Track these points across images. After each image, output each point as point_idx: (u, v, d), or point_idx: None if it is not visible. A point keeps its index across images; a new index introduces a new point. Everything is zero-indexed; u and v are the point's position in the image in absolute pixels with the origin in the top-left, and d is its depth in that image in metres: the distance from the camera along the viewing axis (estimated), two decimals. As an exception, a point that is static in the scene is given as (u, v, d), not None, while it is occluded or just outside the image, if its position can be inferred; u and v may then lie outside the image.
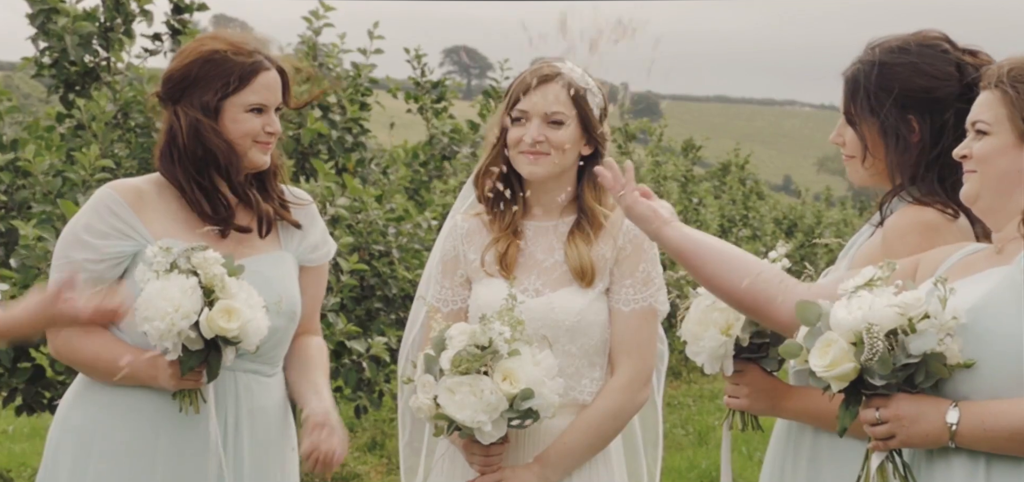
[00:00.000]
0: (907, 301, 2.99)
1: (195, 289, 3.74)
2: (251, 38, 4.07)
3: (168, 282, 3.74)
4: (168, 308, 3.72)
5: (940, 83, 3.56)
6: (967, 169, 3.23)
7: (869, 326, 2.98)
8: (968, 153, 3.22)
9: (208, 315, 3.73)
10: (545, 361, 3.75)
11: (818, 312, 3.10)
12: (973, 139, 3.22)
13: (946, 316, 2.99)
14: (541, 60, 4.12)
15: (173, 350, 3.77)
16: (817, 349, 3.06)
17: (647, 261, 4.03)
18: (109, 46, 7.30)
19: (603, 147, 4.10)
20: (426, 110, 10.30)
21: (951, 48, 3.62)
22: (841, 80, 3.71)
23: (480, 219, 4.15)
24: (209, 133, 3.96)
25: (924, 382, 3.01)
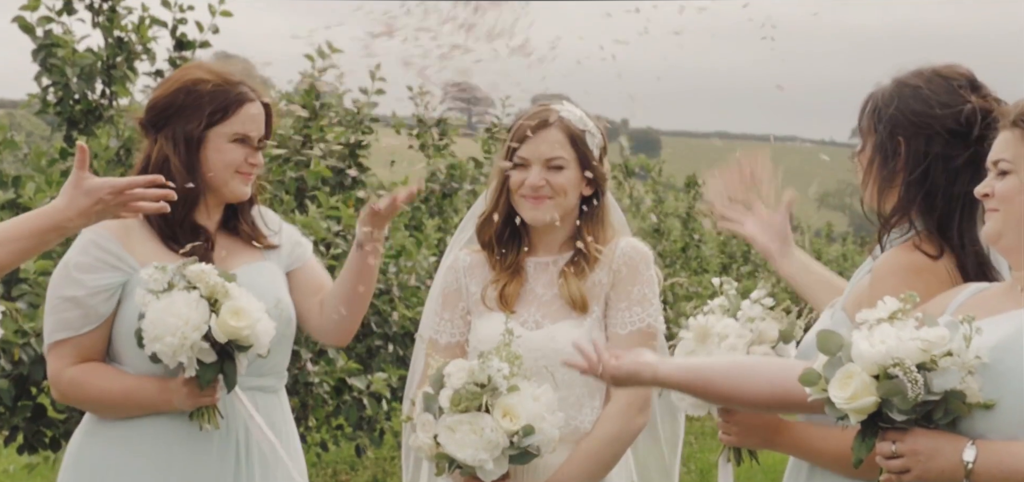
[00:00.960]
0: (932, 338, 2.98)
1: (199, 300, 3.77)
2: (236, 69, 4.10)
3: (171, 299, 3.77)
4: (177, 323, 3.74)
5: (934, 111, 3.57)
6: (989, 208, 3.24)
7: (899, 361, 2.97)
8: (990, 192, 3.23)
9: (218, 320, 3.75)
10: (544, 396, 3.75)
11: (839, 342, 3.09)
12: (994, 178, 3.23)
13: (969, 355, 2.99)
14: (540, 98, 4.15)
15: (189, 365, 3.79)
16: (838, 380, 3.05)
17: (642, 283, 4.05)
18: (111, 83, 7.32)
19: (603, 186, 4.12)
20: (428, 147, 10.33)
21: (969, 89, 3.62)
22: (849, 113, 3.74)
23: (483, 254, 4.17)
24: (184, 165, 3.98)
25: (942, 419, 3.00)
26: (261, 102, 4.08)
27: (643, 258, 4.07)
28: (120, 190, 3.64)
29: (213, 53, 7.71)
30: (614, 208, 4.22)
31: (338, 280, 4.18)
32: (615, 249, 4.07)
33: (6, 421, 6.74)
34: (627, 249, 4.06)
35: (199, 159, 4.00)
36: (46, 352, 4.02)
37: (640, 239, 4.26)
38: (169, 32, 7.51)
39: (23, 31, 7.18)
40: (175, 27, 7.52)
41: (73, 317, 3.93)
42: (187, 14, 7.50)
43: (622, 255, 4.05)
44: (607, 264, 4.06)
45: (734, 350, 3.69)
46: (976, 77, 3.66)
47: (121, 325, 3.96)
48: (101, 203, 3.63)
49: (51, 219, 3.65)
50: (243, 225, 4.13)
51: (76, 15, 7.27)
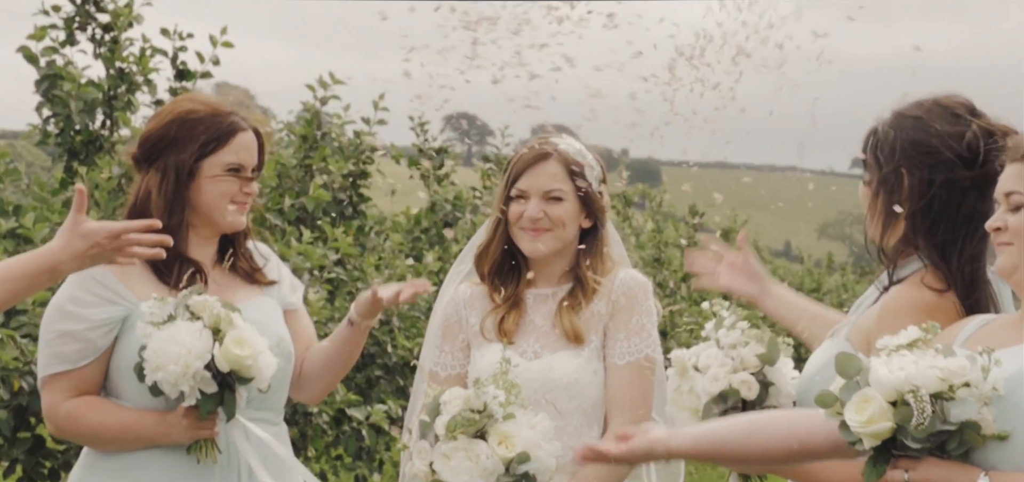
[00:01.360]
0: (951, 367, 2.98)
1: (202, 330, 3.77)
2: (228, 99, 4.10)
3: (175, 328, 3.76)
4: (180, 352, 3.73)
5: (937, 143, 3.57)
6: (1002, 241, 3.23)
7: (915, 389, 2.97)
8: (1003, 226, 3.22)
9: (221, 348, 3.75)
10: (541, 424, 3.75)
11: (858, 366, 3.09)
12: (1007, 211, 3.22)
13: (986, 386, 2.99)
14: (540, 129, 4.16)
15: (190, 394, 3.78)
16: (854, 404, 3.04)
17: (641, 313, 4.06)
18: (113, 114, 7.33)
19: (603, 219, 4.13)
20: (428, 176, 10.34)
21: (968, 115, 3.62)
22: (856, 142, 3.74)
23: (483, 287, 4.17)
24: (171, 196, 3.99)
25: (956, 449, 3.00)
26: (254, 131, 4.08)
27: (642, 289, 4.07)
28: (116, 235, 3.63)
29: (214, 83, 7.72)
30: (614, 239, 4.22)
31: (323, 348, 4.20)
32: (614, 280, 4.08)
33: (5, 453, 6.72)
34: (626, 280, 4.07)
35: (191, 190, 4.00)
36: (41, 386, 4.00)
37: (640, 269, 4.26)
38: (170, 62, 7.53)
39: (27, 61, 7.19)
40: (175, 56, 7.54)
41: (70, 351, 3.92)
42: (187, 42, 7.51)
43: (621, 286, 4.06)
44: (606, 295, 4.06)
45: (716, 381, 3.67)
46: (975, 105, 3.66)
47: (119, 359, 3.95)
48: (97, 247, 3.63)
49: (45, 261, 3.64)
50: (240, 260, 4.13)
51: (78, 46, 7.29)
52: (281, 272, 4.24)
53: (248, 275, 4.14)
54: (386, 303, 4.04)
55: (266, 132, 4.15)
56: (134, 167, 4.09)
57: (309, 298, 7.19)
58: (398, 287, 4.06)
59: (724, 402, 3.67)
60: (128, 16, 7.35)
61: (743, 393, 3.67)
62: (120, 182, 7.09)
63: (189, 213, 4.01)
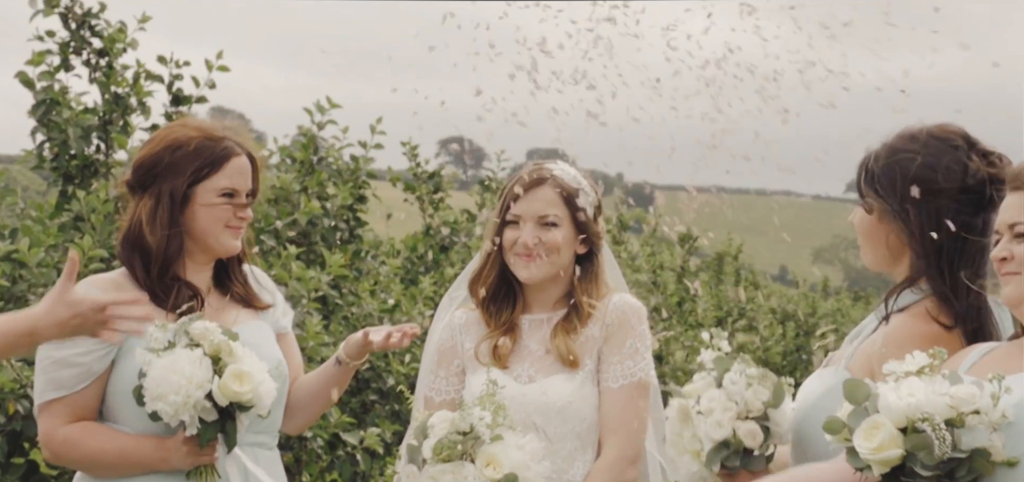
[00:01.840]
0: (961, 394, 2.98)
1: (203, 359, 3.77)
2: (220, 124, 4.11)
3: (175, 357, 3.76)
4: (181, 381, 3.73)
5: (939, 175, 3.57)
6: (1008, 271, 3.22)
7: (929, 417, 2.96)
8: (1008, 255, 3.22)
9: (220, 383, 3.75)
10: (529, 445, 3.74)
11: (867, 392, 3.09)
12: (1011, 241, 3.22)
13: (996, 413, 2.98)
14: (535, 154, 4.17)
15: (190, 423, 3.77)
16: (863, 430, 3.04)
17: (635, 336, 4.06)
18: (108, 140, 7.34)
19: (598, 245, 4.14)
20: (423, 200, 10.34)
21: (965, 145, 3.62)
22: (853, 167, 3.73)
23: (478, 312, 4.18)
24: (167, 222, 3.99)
25: (965, 477, 3.00)
26: (247, 156, 4.09)
27: (635, 312, 4.08)
28: (102, 307, 3.62)
29: (209, 108, 7.73)
30: (610, 264, 4.23)
31: (309, 382, 4.21)
32: (608, 304, 4.08)
33: (-1, 478, 6.71)
34: (619, 304, 4.08)
35: (186, 216, 4.00)
36: (37, 412, 3.99)
37: (635, 294, 4.27)
38: (166, 88, 7.53)
39: (24, 86, 7.20)
40: (171, 83, 7.55)
41: (66, 376, 3.92)
42: (183, 70, 7.52)
43: (614, 310, 4.07)
44: (600, 319, 4.07)
45: (721, 426, 3.66)
46: (968, 133, 3.66)
47: (116, 384, 3.94)
48: (79, 317, 3.61)
49: (25, 324, 3.61)
50: (235, 285, 4.14)
51: (73, 71, 7.29)
52: (276, 297, 4.25)
53: (243, 300, 4.15)
54: (376, 347, 4.06)
55: (260, 157, 4.16)
56: (128, 193, 4.09)
57: (306, 323, 7.18)
58: (389, 331, 4.07)
59: (726, 448, 3.66)
60: (123, 41, 7.36)
61: (747, 442, 3.65)
62: (116, 206, 7.09)
63: (185, 238, 4.02)
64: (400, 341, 4.09)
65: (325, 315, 7.77)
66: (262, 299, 4.19)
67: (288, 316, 4.29)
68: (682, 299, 16.49)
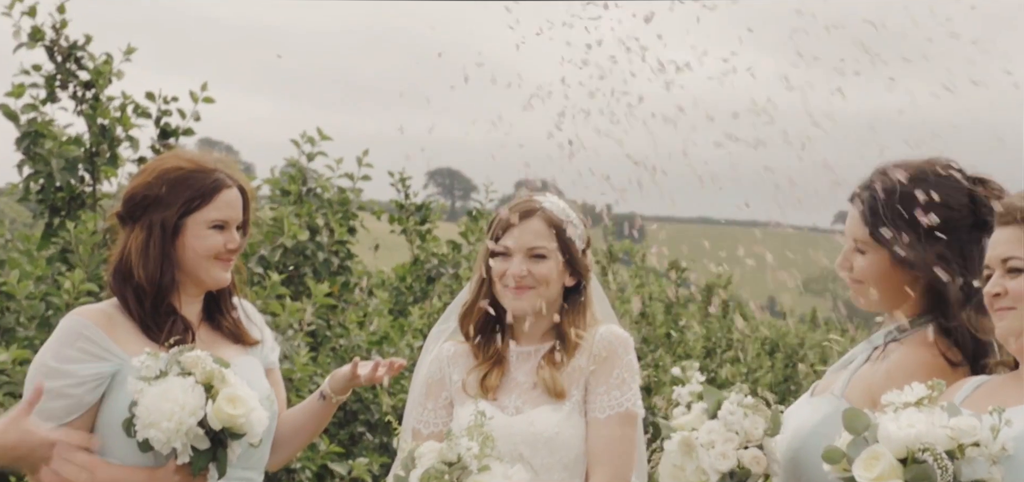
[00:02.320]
0: (961, 426, 2.98)
1: (195, 386, 3.76)
2: (212, 156, 4.11)
3: (167, 384, 3.75)
4: (174, 408, 3.72)
5: (955, 213, 3.56)
6: (1002, 306, 3.22)
7: (931, 447, 2.96)
8: (1001, 291, 3.21)
9: (214, 406, 3.74)
10: (517, 476, 3.73)
11: (866, 422, 3.08)
12: (1004, 277, 3.21)
13: (996, 446, 2.98)
14: (524, 185, 4.17)
15: (182, 451, 3.76)
16: (863, 460, 3.04)
17: (622, 366, 4.06)
18: (95, 171, 7.33)
19: (586, 277, 4.14)
20: (410, 232, 10.34)
21: (962, 177, 3.63)
22: (852, 203, 3.70)
23: (466, 345, 4.18)
24: (160, 254, 3.99)
25: None
26: (239, 188, 4.09)
27: (622, 343, 4.08)
28: (52, 444, 3.62)
29: (197, 140, 7.73)
30: (598, 295, 4.23)
31: (292, 417, 4.21)
32: (595, 335, 4.08)
33: (-15, 511, 6.68)
34: (607, 335, 4.08)
35: (176, 247, 4.00)
36: None
37: (624, 325, 4.27)
38: (153, 122, 7.53)
39: (7, 118, 7.20)
40: (159, 117, 7.55)
41: (57, 407, 3.90)
42: (171, 106, 7.53)
43: (601, 340, 4.07)
44: (587, 350, 4.07)
45: (725, 458, 3.65)
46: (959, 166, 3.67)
47: (106, 415, 3.92)
48: (26, 447, 3.63)
49: None
50: (225, 318, 4.13)
51: (59, 104, 7.29)
52: (264, 332, 4.25)
53: (233, 334, 4.14)
54: (363, 380, 4.06)
55: (250, 189, 4.16)
56: (118, 224, 4.09)
57: (295, 355, 7.17)
58: (376, 363, 4.10)
59: (732, 479, 3.65)
60: (109, 73, 7.37)
61: (753, 469, 3.64)
62: (104, 237, 7.08)
63: (176, 270, 4.02)
64: (381, 378, 4.09)
65: (313, 347, 7.75)
66: (251, 334, 4.18)
67: (276, 351, 4.29)
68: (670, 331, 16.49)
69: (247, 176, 4.26)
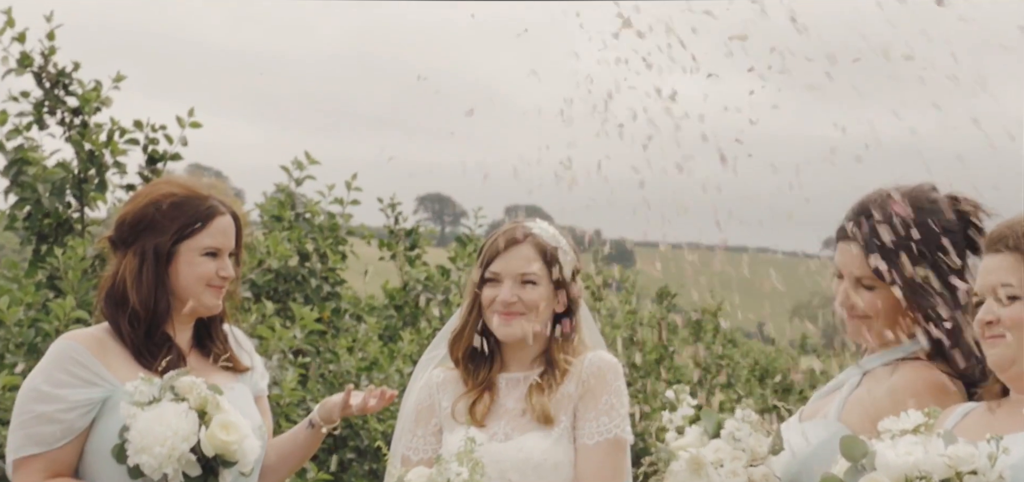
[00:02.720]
0: (959, 454, 2.97)
1: (189, 412, 3.75)
2: (205, 182, 4.11)
3: (161, 409, 3.74)
4: (166, 433, 3.71)
5: (953, 236, 3.56)
6: (994, 334, 3.20)
7: (927, 476, 2.95)
8: (994, 319, 3.20)
9: (207, 432, 3.73)
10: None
11: (863, 449, 3.08)
12: (996, 304, 3.19)
13: (993, 474, 2.98)
14: (514, 211, 4.17)
15: (174, 477, 3.74)
16: None
17: (611, 392, 4.05)
18: (83, 197, 7.32)
19: (576, 304, 4.14)
20: (399, 257, 10.33)
21: (942, 197, 3.63)
22: (850, 239, 3.68)
23: (456, 371, 4.17)
24: (153, 280, 3.98)
25: None
26: (232, 215, 4.08)
27: (611, 369, 4.07)
28: None
29: (186, 166, 7.72)
30: (587, 321, 4.22)
31: (280, 444, 4.21)
32: (584, 361, 4.07)
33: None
34: (595, 360, 4.07)
35: (169, 273, 3.99)
36: (13, 468, 3.95)
37: (614, 350, 4.26)
38: (141, 149, 7.53)
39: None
40: (147, 144, 7.54)
41: (47, 432, 3.88)
42: (158, 133, 7.53)
43: (590, 366, 4.06)
44: (576, 375, 4.06)
45: (736, 476, 3.63)
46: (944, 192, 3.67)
47: (96, 441, 3.90)
48: None
49: None
50: (215, 347, 4.12)
51: (47, 130, 7.29)
52: (254, 359, 4.24)
53: (224, 361, 4.12)
54: (355, 410, 4.06)
55: (243, 216, 4.16)
56: (110, 249, 4.07)
57: (283, 381, 7.15)
58: (367, 393, 4.10)
59: None
60: (96, 99, 7.36)
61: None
62: (93, 263, 7.06)
63: (168, 296, 4.01)
64: (378, 405, 4.09)
65: (304, 375, 7.73)
66: (242, 361, 4.17)
67: (265, 379, 4.28)
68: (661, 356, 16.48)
69: (238, 202, 4.25)
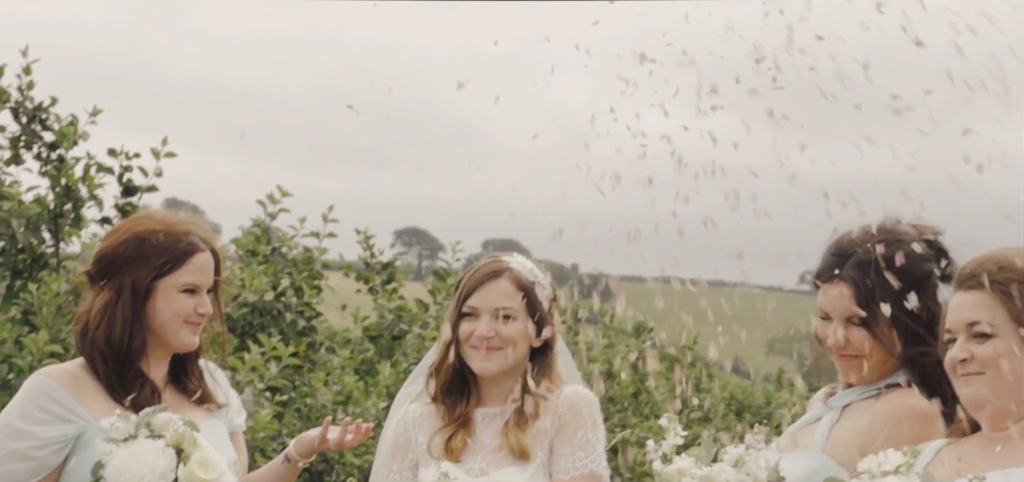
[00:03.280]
0: None
1: (166, 449, 3.72)
2: (184, 218, 4.09)
3: (138, 447, 3.72)
4: (144, 470, 3.69)
5: (930, 265, 3.58)
6: (969, 372, 3.19)
7: None
8: (969, 356, 3.19)
9: (185, 470, 3.71)
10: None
11: None
12: (970, 342, 3.19)
13: None
14: (491, 245, 4.17)
15: None
16: None
17: (586, 427, 4.04)
18: (58, 232, 7.29)
19: (553, 339, 4.14)
20: (376, 291, 10.31)
21: (911, 228, 3.65)
22: (837, 280, 3.68)
23: (433, 406, 4.16)
24: (129, 316, 3.96)
25: None
26: (211, 251, 4.07)
27: (587, 404, 4.07)
28: None
29: (163, 199, 7.71)
30: (564, 356, 4.22)
31: (255, 481, 4.20)
32: (560, 396, 4.07)
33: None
34: (571, 395, 4.06)
35: (146, 310, 3.97)
36: None
37: (591, 384, 4.26)
38: (116, 179, 7.51)
39: (-35, 181, 7.17)
40: (122, 174, 7.52)
41: (19, 470, 3.86)
42: (133, 162, 7.51)
43: (566, 401, 4.05)
44: (552, 410, 4.06)
45: None
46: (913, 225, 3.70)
47: (69, 478, 3.88)
48: None
49: None
50: (191, 383, 4.10)
51: (24, 165, 7.27)
52: (230, 395, 4.22)
53: (199, 397, 4.10)
54: (332, 445, 4.06)
55: (222, 251, 4.15)
56: (88, 284, 4.06)
57: (257, 414, 7.12)
58: (343, 429, 4.11)
59: None
60: (73, 134, 7.35)
61: None
62: (68, 299, 7.03)
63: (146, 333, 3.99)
64: (354, 440, 4.09)
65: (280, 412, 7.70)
66: (217, 398, 4.15)
67: (242, 415, 4.26)
68: (638, 390, 16.48)
69: (216, 236, 4.24)
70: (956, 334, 3.21)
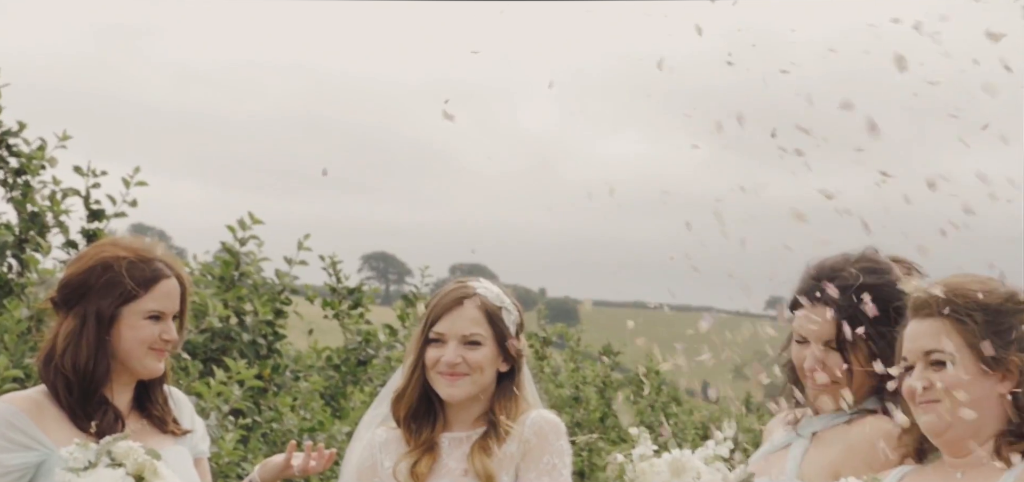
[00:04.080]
0: None
1: (126, 478, 3.69)
2: (151, 245, 4.07)
3: (97, 476, 3.68)
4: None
5: (901, 293, 3.59)
6: (927, 399, 3.20)
7: None
8: (928, 384, 3.19)
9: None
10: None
11: None
12: (928, 369, 3.20)
13: None
14: (458, 270, 4.17)
15: None
16: None
17: (552, 452, 4.04)
18: (22, 258, 7.24)
19: (520, 364, 4.13)
20: (342, 316, 10.27)
21: (888, 259, 3.67)
22: (818, 303, 3.69)
23: (398, 431, 4.15)
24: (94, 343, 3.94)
25: None
26: (177, 278, 4.05)
27: (553, 428, 4.06)
28: None
29: (129, 225, 7.66)
30: (528, 381, 4.22)
31: None
32: (525, 420, 4.06)
33: None
34: (536, 420, 4.06)
35: (111, 336, 3.95)
36: None
37: (557, 409, 4.26)
38: (83, 202, 7.46)
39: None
40: (88, 195, 7.48)
41: (-20, 496, 3.83)
42: (101, 180, 7.46)
43: (532, 426, 4.05)
44: (518, 435, 4.05)
45: None
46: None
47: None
48: None
49: None
50: (155, 409, 4.07)
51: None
52: (194, 421, 4.19)
53: (163, 424, 4.08)
54: (297, 472, 4.04)
55: (187, 278, 4.13)
56: (52, 310, 4.03)
57: (221, 440, 7.08)
58: (307, 455, 4.11)
59: None
60: (41, 159, 7.30)
61: None
62: (30, 326, 6.98)
63: (110, 359, 3.96)
64: (319, 467, 4.08)
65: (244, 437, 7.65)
66: (182, 424, 4.13)
67: (206, 441, 4.24)
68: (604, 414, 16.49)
69: (181, 263, 4.22)
70: (913, 362, 3.21)
